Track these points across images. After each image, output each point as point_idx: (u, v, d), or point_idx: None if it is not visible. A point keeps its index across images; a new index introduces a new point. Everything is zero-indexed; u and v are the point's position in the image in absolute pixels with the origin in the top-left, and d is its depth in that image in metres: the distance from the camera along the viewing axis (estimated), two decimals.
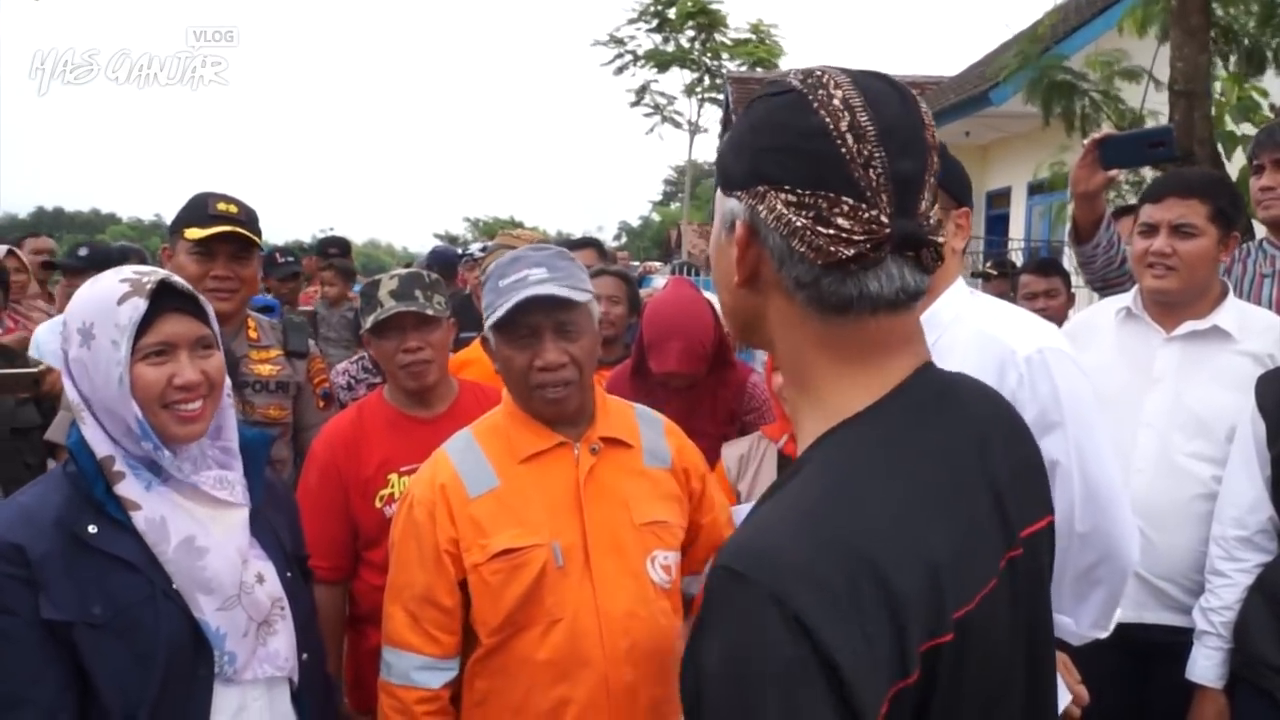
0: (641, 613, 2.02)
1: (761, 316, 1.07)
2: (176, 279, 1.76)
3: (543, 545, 1.99)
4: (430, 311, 2.62)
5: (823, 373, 1.04)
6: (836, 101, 0.98)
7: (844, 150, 0.96)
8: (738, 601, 0.90)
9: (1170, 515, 2.63)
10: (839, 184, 0.96)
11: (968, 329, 1.96)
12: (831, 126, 0.97)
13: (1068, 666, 2.12)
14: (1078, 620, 2.03)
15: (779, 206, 0.98)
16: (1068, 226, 3.28)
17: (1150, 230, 2.67)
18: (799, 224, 0.97)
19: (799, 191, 0.97)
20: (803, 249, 0.97)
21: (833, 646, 0.86)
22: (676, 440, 2.24)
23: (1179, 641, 2.61)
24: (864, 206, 0.96)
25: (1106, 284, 3.21)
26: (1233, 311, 2.69)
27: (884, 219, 0.96)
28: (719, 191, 1.09)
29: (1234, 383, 2.63)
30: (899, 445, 1.00)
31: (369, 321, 2.62)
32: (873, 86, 1.00)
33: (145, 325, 1.68)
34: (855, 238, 0.96)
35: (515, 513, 2.02)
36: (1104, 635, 2.09)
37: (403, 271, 2.70)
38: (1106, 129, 5.18)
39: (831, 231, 0.96)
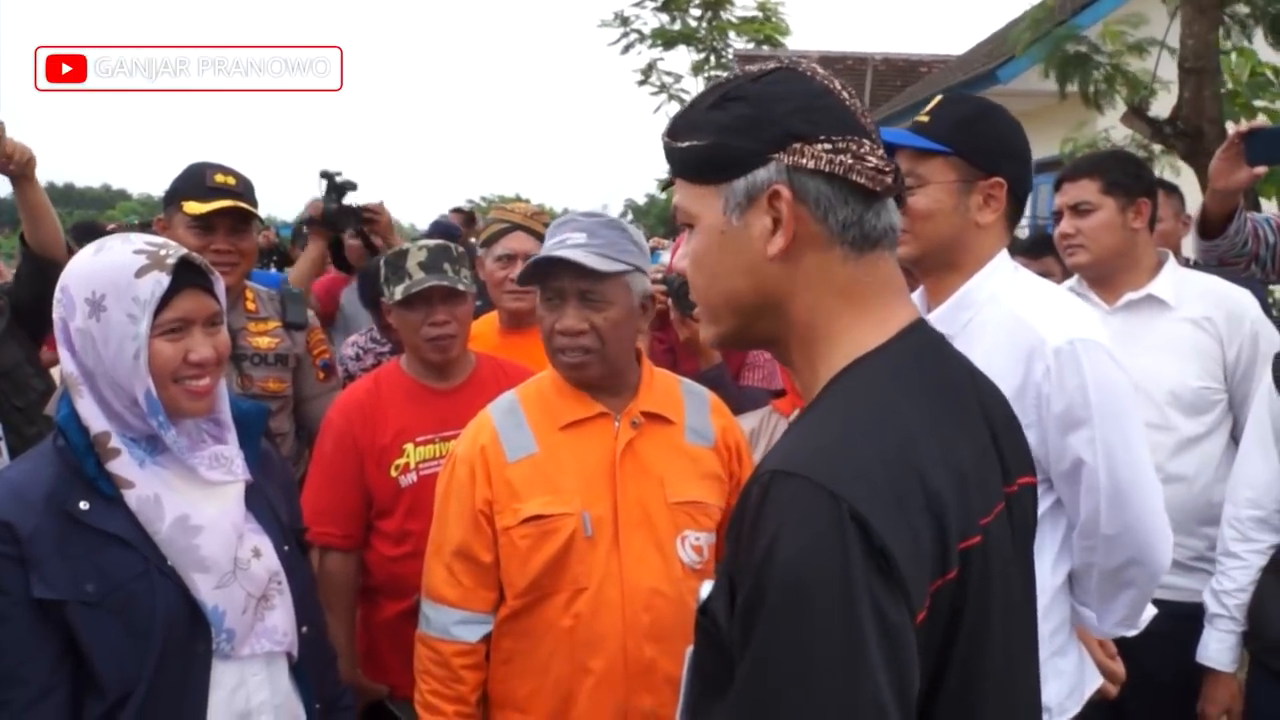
0: (667, 590, 2.01)
1: (786, 289, 1.12)
2: (194, 255, 1.74)
3: (572, 514, 2.01)
4: (461, 286, 2.61)
5: (841, 317, 1.11)
6: (820, 70, 1.13)
7: (848, 103, 1.11)
8: (792, 501, 0.96)
9: None
10: (857, 130, 1.09)
11: (1001, 310, 1.88)
12: (830, 86, 1.11)
13: (1103, 643, 2.07)
14: (1101, 618, 1.97)
15: (822, 153, 1.08)
16: (1194, 219, 3.15)
17: (1059, 217, 2.83)
18: (849, 161, 1.08)
19: (833, 138, 1.08)
20: (862, 180, 1.08)
21: (886, 539, 0.94)
22: (722, 419, 2.21)
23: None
24: (876, 146, 1.10)
25: (1222, 263, 3.10)
26: (1170, 280, 2.75)
27: (887, 156, 1.11)
28: (701, 187, 1.14)
29: (1172, 349, 2.68)
30: (914, 375, 1.10)
31: (397, 292, 2.60)
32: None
33: (163, 300, 1.66)
34: (886, 169, 1.09)
35: (550, 480, 2.04)
36: (1131, 634, 2.03)
37: (430, 243, 2.68)
38: (1123, 103, 5.11)
39: (872, 164, 1.08)
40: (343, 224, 4.17)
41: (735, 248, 1.12)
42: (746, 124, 1.10)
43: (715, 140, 1.12)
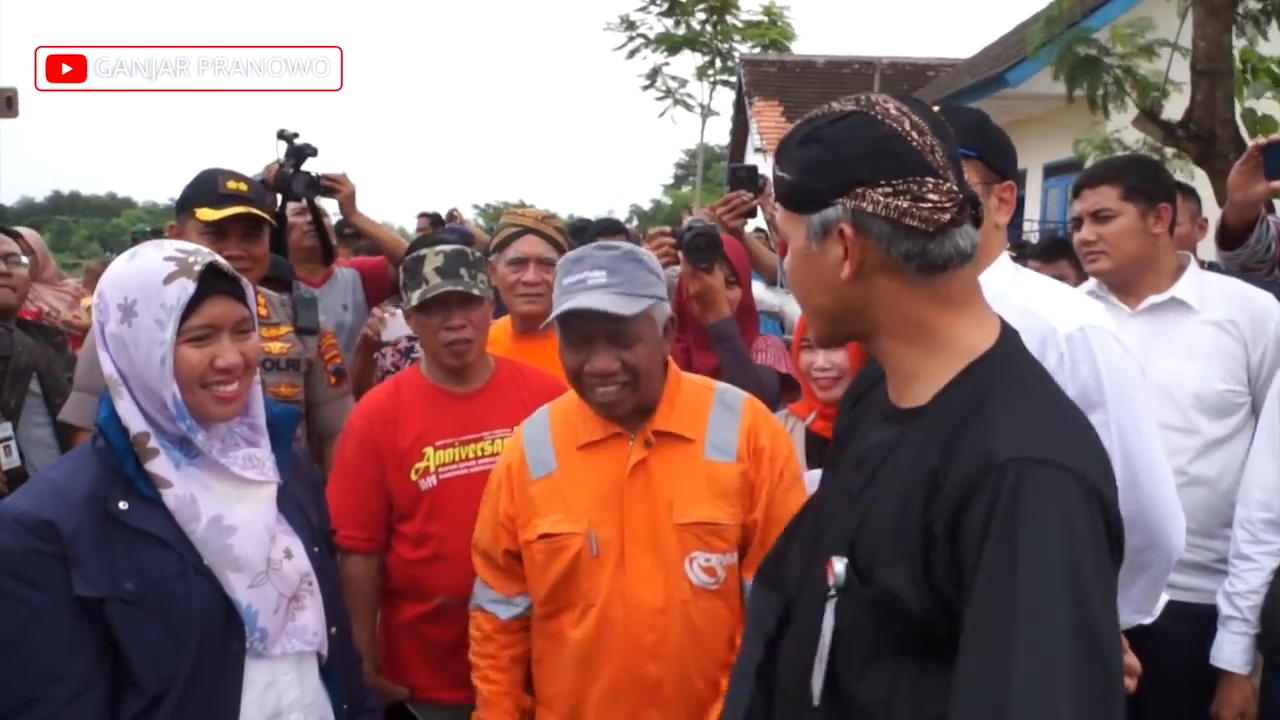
0: (673, 612, 2.05)
1: (866, 302, 1.30)
2: (222, 261, 1.76)
3: (579, 534, 2.07)
4: (476, 291, 2.61)
5: (947, 322, 1.30)
6: (893, 110, 1.26)
7: (914, 144, 1.24)
8: (1051, 484, 1.12)
9: None
10: (919, 170, 1.24)
11: (1010, 305, 1.87)
12: (899, 129, 1.25)
13: None
14: (1119, 607, 1.99)
15: (880, 198, 1.24)
16: (1213, 229, 3.14)
17: (1079, 223, 2.83)
18: (904, 205, 1.23)
19: (893, 183, 1.23)
20: (914, 223, 1.23)
21: (1115, 513, 1.15)
22: (751, 418, 2.15)
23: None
24: (941, 181, 1.24)
25: (1245, 269, 3.15)
26: (1193, 283, 2.75)
27: (956, 188, 1.24)
28: (791, 213, 1.33)
29: (1197, 352, 2.68)
30: (1038, 370, 1.32)
31: (414, 298, 2.60)
32: (903, 98, 1.32)
33: (190, 307, 1.69)
34: (946, 205, 1.23)
35: (564, 499, 2.11)
36: (1148, 621, 2.05)
37: (448, 248, 2.66)
38: (1133, 106, 5.09)
39: (929, 204, 1.23)
40: (297, 192, 3.68)
41: (817, 269, 1.32)
42: (820, 167, 1.28)
43: (797, 178, 1.31)
